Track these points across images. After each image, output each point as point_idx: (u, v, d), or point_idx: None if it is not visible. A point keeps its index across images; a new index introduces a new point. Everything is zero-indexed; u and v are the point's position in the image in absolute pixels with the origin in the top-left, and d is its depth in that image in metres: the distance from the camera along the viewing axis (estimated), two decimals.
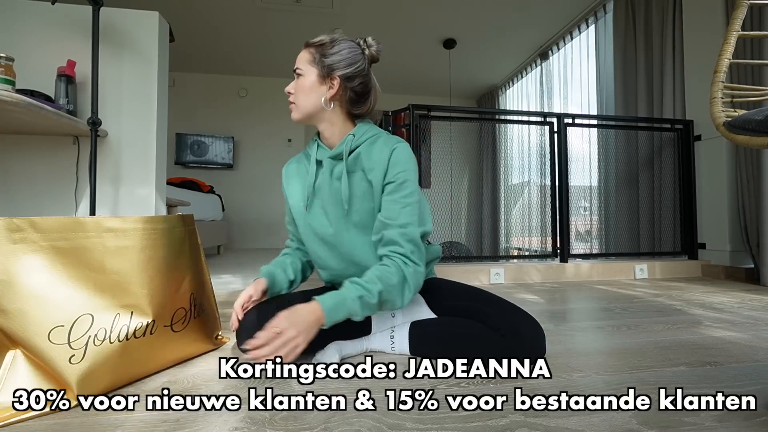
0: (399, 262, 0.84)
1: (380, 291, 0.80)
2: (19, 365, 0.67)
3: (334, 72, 0.90)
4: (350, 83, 0.92)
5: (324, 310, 0.77)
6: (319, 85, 0.91)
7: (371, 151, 0.91)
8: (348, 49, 0.92)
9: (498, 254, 2.88)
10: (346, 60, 0.91)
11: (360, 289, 0.80)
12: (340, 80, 0.91)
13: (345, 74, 0.91)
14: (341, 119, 0.95)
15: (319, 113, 0.93)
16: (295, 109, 0.93)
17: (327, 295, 0.79)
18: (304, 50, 0.93)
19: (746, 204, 2.12)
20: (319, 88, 0.91)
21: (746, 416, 0.64)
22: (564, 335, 1.12)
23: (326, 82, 0.91)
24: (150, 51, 1.81)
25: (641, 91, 2.78)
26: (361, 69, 0.93)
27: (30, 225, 0.68)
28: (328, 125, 0.95)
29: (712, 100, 0.81)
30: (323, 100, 0.91)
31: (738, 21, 0.84)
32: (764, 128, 0.65)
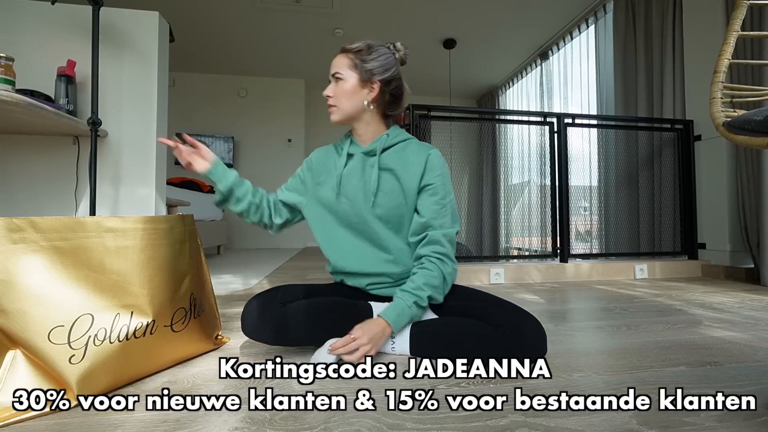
0: (438, 263, 0.94)
1: (429, 295, 0.92)
2: (19, 365, 0.67)
3: (375, 77, 0.98)
4: (388, 87, 1.00)
5: (389, 321, 0.88)
6: (360, 88, 0.98)
7: (405, 153, 1.00)
8: (384, 55, 0.99)
9: (498, 254, 2.88)
10: (384, 65, 0.99)
11: (413, 297, 0.91)
12: (380, 84, 0.99)
13: (384, 78, 0.99)
14: (376, 120, 1.03)
15: (359, 114, 1.01)
16: (336, 111, 0.99)
17: (388, 309, 0.90)
18: (342, 55, 0.99)
19: (746, 204, 2.12)
20: (361, 92, 0.98)
21: (746, 416, 0.64)
22: (564, 335, 1.12)
23: (367, 86, 0.99)
24: (150, 51, 1.81)
25: (641, 91, 2.78)
26: (396, 73, 1.01)
27: (30, 225, 0.68)
28: (365, 125, 1.02)
29: (711, 100, 0.81)
30: (365, 103, 0.99)
31: (738, 21, 0.84)
32: (764, 128, 0.65)
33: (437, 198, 0.97)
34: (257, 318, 0.90)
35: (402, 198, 0.98)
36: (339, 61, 0.99)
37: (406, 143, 1.02)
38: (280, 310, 0.89)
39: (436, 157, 0.99)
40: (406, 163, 0.98)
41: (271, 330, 0.89)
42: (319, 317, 0.90)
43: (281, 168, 5.06)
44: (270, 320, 0.89)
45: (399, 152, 1.00)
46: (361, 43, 0.99)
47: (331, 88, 0.99)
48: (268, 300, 0.93)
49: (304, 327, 0.89)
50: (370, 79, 0.98)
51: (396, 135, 1.02)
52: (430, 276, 0.93)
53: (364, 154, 1.01)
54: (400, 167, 0.98)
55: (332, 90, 0.99)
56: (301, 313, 0.89)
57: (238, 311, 1.40)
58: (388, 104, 1.02)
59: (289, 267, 2.87)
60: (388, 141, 1.01)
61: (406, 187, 0.98)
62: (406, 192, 0.98)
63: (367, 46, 0.98)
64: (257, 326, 0.90)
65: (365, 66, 0.97)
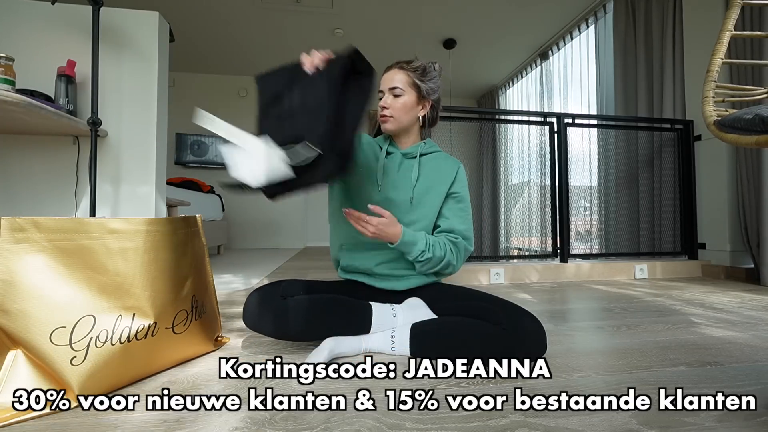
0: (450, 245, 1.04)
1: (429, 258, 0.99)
2: (20, 366, 0.67)
3: (430, 96, 1.09)
4: (436, 105, 1.13)
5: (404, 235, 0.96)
6: (416, 105, 1.08)
7: (438, 162, 1.11)
8: (436, 77, 1.10)
9: (498, 254, 2.89)
10: (437, 86, 1.10)
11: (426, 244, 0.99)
12: (432, 102, 1.10)
13: (435, 98, 1.11)
14: (417, 132, 1.14)
15: (410, 127, 1.11)
16: (392, 122, 1.07)
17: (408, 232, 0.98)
18: (401, 71, 1.06)
19: (746, 204, 2.12)
20: (415, 108, 1.08)
21: (746, 416, 0.64)
22: (564, 335, 1.12)
23: (421, 103, 1.09)
24: (150, 51, 1.81)
25: (641, 91, 2.78)
26: (440, 93, 1.13)
27: (33, 225, 0.68)
28: (408, 135, 1.12)
29: (704, 99, 0.81)
30: (418, 118, 1.10)
31: (731, 21, 0.84)
32: (753, 127, 0.65)
33: (463, 206, 1.10)
34: (257, 309, 0.92)
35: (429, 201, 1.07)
36: (398, 77, 1.06)
37: (438, 154, 1.14)
38: (281, 303, 0.91)
39: (463, 172, 1.13)
40: (439, 170, 1.10)
41: (271, 321, 0.91)
42: (319, 312, 0.91)
43: None
44: (270, 312, 0.90)
45: (433, 160, 1.12)
46: (419, 63, 1.08)
47: (389, 101, 1.06)
48: (269, 292, 0.95)
49: (304, 321, 0.90)
50: (426, 97, 1.08)
51: (431, 146, 1.14)
52: (439, 246, 1.01)
53: (403, 155, 1.11)
54: (434, 171, 1.10)
55: (390, 102, 1.06)
56: (301, 307, 0.90)
57: (238, 311, 1.40)
58: (431, 120, 1.14)
59: (289, 267, 2.87)
60: (425, 149, 1.12)
61: (438, 189, 1.08)
62: (436, 193, 1.08)
63: (423, 68, 1.07)
64: (257, 317, 0.92)
65: (423, 86, 1.06)
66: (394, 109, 1.06)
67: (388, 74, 1.08)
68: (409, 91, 1.06)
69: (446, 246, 1.03)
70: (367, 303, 0.99)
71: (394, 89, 1.05)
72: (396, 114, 1.06)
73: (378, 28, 3.81)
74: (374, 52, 4.27)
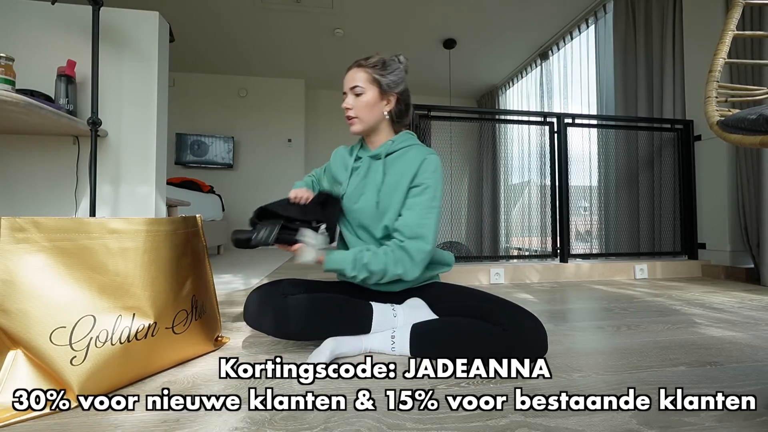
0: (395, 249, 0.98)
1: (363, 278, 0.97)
2: (20, 366, 0.67)
3: (393, 90, 1.06)
4: (402, 98, 1.09)
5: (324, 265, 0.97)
6: (379, 101, 1.05)
7: (405, 156, 1.06)
8: (398, 69, 1.07)
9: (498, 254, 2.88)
10: (399, 78, 1.07)
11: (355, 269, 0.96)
12: (396, 96, 1.07)
13: (399, 91, 1.07)
14: (388, 128, 1.11)
15: (377, 125, 1.08)
16: (358, 122, 1.06)
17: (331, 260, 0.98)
18: (359, 69, 1.05)
19: (746, 204, 2.12)
20: (380, 104, 1.06)
21: (746, 416, 0.64)
22: (564, 335, 1.12)
23: (385, 98, 1.06)
24: (150, 51, 1.81)
25: (641, 91, 2.78)
26: (406, 84, 1.10)
27: (33, 225, 0.68)
28: (377, 133, 1.10)
29: (706, 100, 0.81)
30: (384, 114, 1.07)
31: (733, 21, 0.84)
32: (756, 127, 0.65)
33: (422, 198, 1.00)
34: (258, 307, 0.92)
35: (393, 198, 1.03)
36: (357, 76, 1.04)
37: (409, 148, 1.07)
38: (281, 301, 0.91)
39: (431, 162, 1.03)
40: (404, 165, 1.05)
41: (272, 320, 0.90)
42: (319, 312, 0.91)
43: (281, 168, 5.05)
44: (271, 310, 0.90)
45: (400, 156, 1.06)
46: (377, 58, 1.06)
47: (351, 101, 1.04)
48: (270, 291, 0.95)
49: (305, 320, 0.90)
50: (388, 92, 1.05)
51: (401, 141, 1.08)
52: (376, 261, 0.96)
53: (370, 157, 1.08)
54: (399, 168, 1.04)
55: (352, 103, 1.04)
56: (302, 305, 0.90)
57: (238, 311, 1.40)
58: (400, 114, 1.11)
59: (289, 267, 2.87)
60: (392, 146, 1.07)
61: (402, 186, 1.03)
62: (400, 191, 1.03)
63: (381, 61, 1.05)
64: (258, 315, 0.92)
65: (384, 80, 1.04)
66: (357, 109, 1.04)
67: (348, 75, 1.06)
68: (370, 87, 1.04)
69: (387, 257, 0.96)
70: (367, 302, 0.99)
71: (354, 88, 1.04)
72: (360, 113, 1.04)
73: (378, 28, 3.81)
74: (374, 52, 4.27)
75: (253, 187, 5.02)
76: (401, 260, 0.96)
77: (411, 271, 0.97)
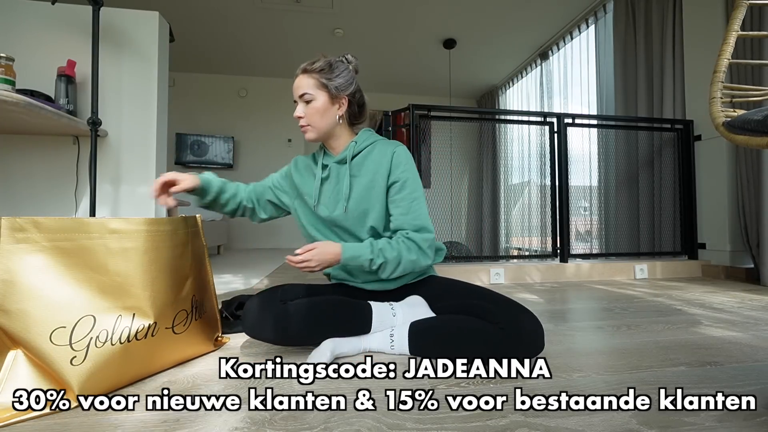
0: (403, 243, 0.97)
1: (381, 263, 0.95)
2: (20, 366, 0.67)
3: (342, 92, 1.03)
4: (354, 99, 1.07)
5: (344, 255, 0.93)
6: (330, 105, 1.03)
7: (372, 155, 1.04)
8: (345, 70, 1.05)
9: (498, 254, 2.88)
10: (348, 80, 1.04)
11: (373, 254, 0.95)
12: (347, 98, 1.05)
13: (350, 92, 1.05)
14: (346, 131, 1.09)
15: (332, 129, 1.06)
16: (311, 130, 1.03)
17: (352, 247, 0.95)
18: (305, 76, 1.02)
19: (746, 204, 2.12)
20: (331, 109, 1.03)
21: (746, 416, 0.64)
22: (564, 335, 1.12)
23: (336, 102, 1.03)
24: (150, 51, 1.81)
25: (641, 91, 2.78)
26: (357, 84, 1.08)
27: (33, 225, 0.68)
28: (336, 138, 1.08)
29: (711, 100, 0.81)
30: (337, 118, 1.04)
31: (737, 21, 0.84)
32: (763, 128, 0.65)
33: (404, 194, 1.01)
34: (258, 316, 0.90)
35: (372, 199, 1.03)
36: (304, 82, 1.02)
37: (374, 145, 1.07)
38: (280, 308, 0.90)
39: (400, 153, 1.03)
40: (374, 163, 1.03)
41: (272, 328, 0.89)
42: (319, 316, 0.91)
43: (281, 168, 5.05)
44: (270, 318, 0.89)
45: (367, 156, 1.05)
46: (321, 62, 1.03)
47: (301, 109, 1.02)
48: (268, 298, 0.93)
49: (305, 325, 0.89)
50: (338, 95, 1.03)
51: (364, 140, 1.07)
52: (390, 248, 0.96)
53: (336, 163, 1.07)
54: (370, 168, 1.03)
55: (303, 111, 1.02)
56: (301, 311, 0.90)
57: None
58: (354, 115, 1.09)
59: (288, 267, 2.87)
60: (356, 148, 1.06)
61: (378, 186, 1.02)
62: (378, 191, 1.02)
63: (328, 65, 1.03)
64: (258, 324, 0.90)
65: (331, 83, 1.02)
66: (309, 116, 1.02)
67: (295, 82, 1.04)
68: (319, 93, 1.01)
69: (399, 245, 0.97)
70: (366, 302, 0.99)
71: (303, 96, 1.01)
72: (311, 121, 1.02)
73: (378, 28, 3.81)
74: (374, 52, 4.27)
75: None
76: (412, 248, 0.98)
77: (423, 258, 0.99)
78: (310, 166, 1.13)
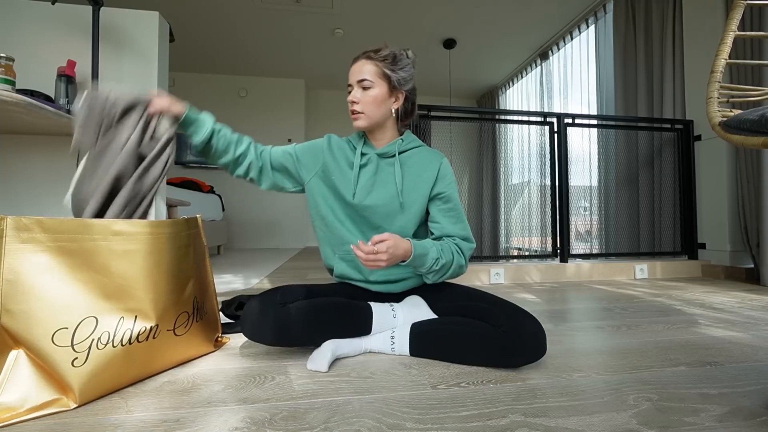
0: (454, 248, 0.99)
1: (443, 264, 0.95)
2: (21, 366, 0.67)
3: (402, 86, 1.01)
4: (410, 96, 1.06)
5: (414, 251, 0.89)
6: (388, 97, 1.00)
7: (418, 158, 1.05)
8: (408, 65, 1.02)
9: (498, 254, 2.88)
10: (409, 75, 1.03)
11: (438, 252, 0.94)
12: (405, 93, 1.03)
13: (408, 88, 1.03)
14: (393, 126, 1.06)
15: (384, 122, 1.03)
16: (363, 118, 1.00)
17: (420, 243, 0.92)
18: (368, 61, 0.99)
19: (746, 204, 2.12)
20: (388, 100, 1.01)
21: (746, 416, 0.64)
22: (564, 335, 1.12)
23: (394, 95, 1.02)
24: (150, 51, 1.81)
25: (641, 91, 2.78)
26: (415, 83, 1.06)
27: (38, 225, 0.68)
28: (384, 131, 1.05)
29: (708, 100, 0.81)
30: (392, 111, 1.03)
31: (735, 21, 0.84)
32: (759, 128, 0.65)
33: (452, 204, 1.04)
34: (257, 318, 0.88)
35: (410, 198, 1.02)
36: (366, 68, 0.98)
37: (419, 149, 1.07)
38: (280, 311, 0.88)
39: (447, 166, 1.05)
40: (420, 168, 1.03)
41: (272, 330, 0.87)
42: (320, 318, 0.90)
43: None
44: (270, 321, 0.87)
45: (413, 157, 1.05)
46: (387, 51, 1.00)
47: (358, 95, 0.99)
48: (268, 300, 0.91)
49: (305, 327, 0.88)
50: (398, 88, 1.01)
51: (410, 141, 1.07)
52: (448, 250, 0.97)
53: (378, 155, 1.04)
54: (415, 170, 1.03)
55: (359, 96, 0.98)
56: (301, 313, 0.88)
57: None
58: (406, 113, 1.07)
59: (289, 267, 2.87)
60: (403, 145, 1.05)
61: (422, 187, 1.02)
62: (421, 190, 1.02)
63: (393, 55, 1.00)
64: (257, 327, 0.88)
65: (394, 75, 0.99)
66: (365, 104, 0.98)
67: (355, 66, 1.00)
68: (379, 82, 0.98)
69: (451, 248, 0.98)
70: (366, 304, 0.99)
71: (362, 81, 0.98)
72: (366, 109, 0.98)
73: (378, 28, 3.81)
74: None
75: (253, 187, 5.02)
76: (460, 254, 0.99)
77: (465, 265, 1.01)
78: (344, 150, 1.07)
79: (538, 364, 0.88)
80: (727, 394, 0.72)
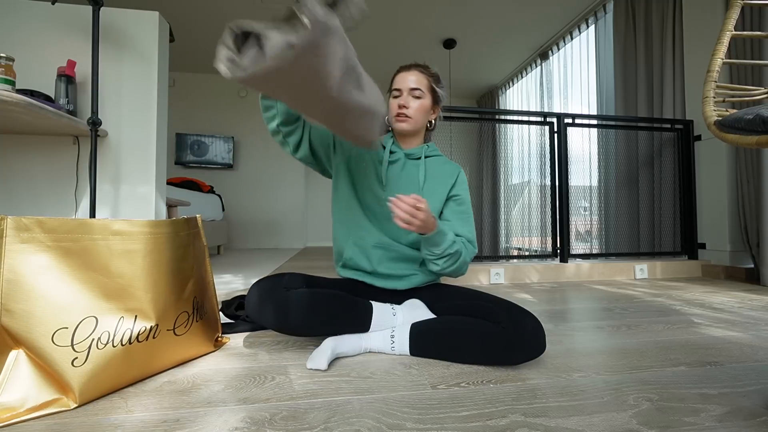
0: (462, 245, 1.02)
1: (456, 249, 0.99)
2: (21, 366, 0.67)
3: (440, 103, 1.14)
4: (441, 113, 1.17)
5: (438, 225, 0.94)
6: (430, 108, 1.11)
7: (440, 165, 1.14)
8: (443, 87, 1.13)
9: (498, 254, 2.89)
10: (444, 95, 1.14)
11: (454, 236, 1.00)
12: (439, 110, 1.15)
13: (442, 106, 1.16)
14: (422, 134, 1.17)
15: (421, 129, 1.14)
16: (410, 122, 1.08)
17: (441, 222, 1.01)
18: (421, 74, 1.08)
19: (746, 204, 2.12)
20: (429, 111, 1.12)
21: (746, 416, 0.64)
22: (564, 335, 1.12)
23: (433, 108, 1.13)
24: (150, 51, 1.81)
25: (641, 91, 2.78)
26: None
27: (38, 225, 0.68)
28: (416, 136, 1.14)
29: (704, 100, 0.81)
30: (430, 123, 1.15)
31: (731, 21, 0.84)
32: (753, 127, 0.65)
33: (464, 208, 1.11)
34: (260, 299, 0.91)
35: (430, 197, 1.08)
36: (420, 79, 1.08)
37: (441, 158, 1.17)
38: (282, 295, 0.90)
39: (464, 176, 1.16)
40: (441, 172, 1.12)
41: (272, 312, 0.89)
42: (319, 307, 0.90)
43: (281, 168, 5.06)
44: (272, 303, 0.89)
45: (435, 162, 1.14)
46: (434, 69, 1.12)
47: (409, 101, 1.07)
48: (272, 283, 0.93)
49: (304, 315, 0.89)
50: (437, 104, 1.13)
51: (434, 149, 1.17)
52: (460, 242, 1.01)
53: (406, 155, 1.11)
54: (436, 174, 1.12)
55: (410, 103, 1.07)
56: (303, 300, 0.89)
57: None
58: (434, 126, 1.18)
59: (289, 267, 2.87)
60: (428, 151, 1.14)
61: (440, 190, 1.10)
62: (439, 193, 1.10)
63: (438, 75, 1.12)
64: (259, 308, 0.90)
65: (439, 92, 1.11)
66: (414, 110, 1.07)
67: (407, 74, 1.08)
68: (427, 95, 1.09)
69: (463, 242, 1.03)
70: (367, 301, 0.99)
71: (414, 90, 1.07)
72: (414, 115, 1.07)
73: (378, 27, 3.81)
74: (374, 52, 4.27)
75: (253, 187, 5.02)
76: (467, 252, 1.03)
77: (467, 265, 1.05)
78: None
79: (538, 364, 0.88)
80: (727, 394, 0.72)
